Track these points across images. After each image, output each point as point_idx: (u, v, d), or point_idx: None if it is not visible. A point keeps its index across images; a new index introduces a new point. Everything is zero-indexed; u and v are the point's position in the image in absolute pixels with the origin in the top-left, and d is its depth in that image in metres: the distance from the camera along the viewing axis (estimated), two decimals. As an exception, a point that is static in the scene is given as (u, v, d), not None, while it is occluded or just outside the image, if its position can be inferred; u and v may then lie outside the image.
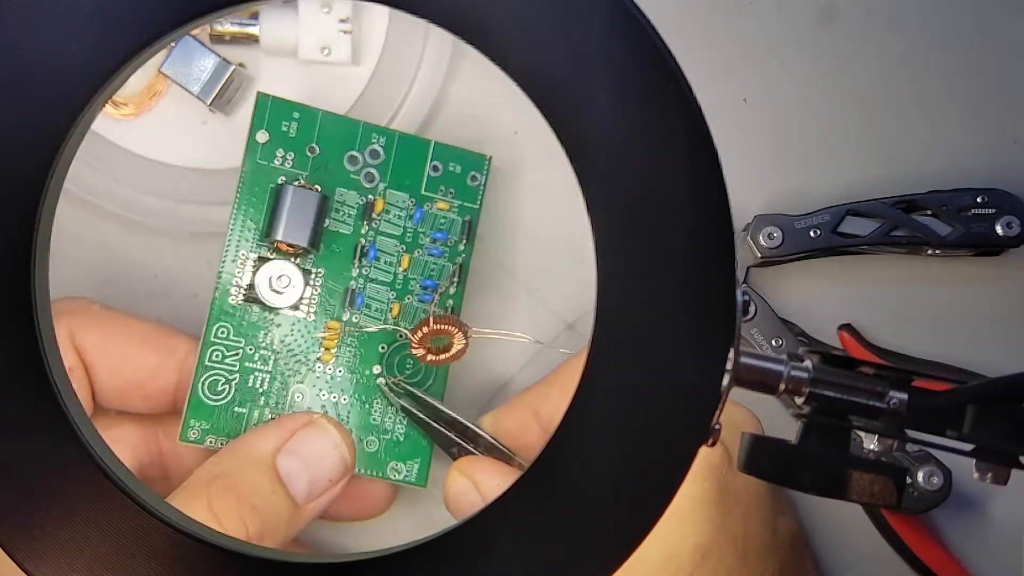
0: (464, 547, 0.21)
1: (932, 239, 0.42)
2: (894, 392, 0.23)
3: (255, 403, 0.38)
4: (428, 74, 0.43)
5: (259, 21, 0.42)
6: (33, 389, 0.21)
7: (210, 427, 0.37)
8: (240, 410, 0.37)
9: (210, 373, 0.37)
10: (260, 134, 0.38)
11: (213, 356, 0.37)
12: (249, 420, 0.37)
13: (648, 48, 0.20)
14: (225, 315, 0.38)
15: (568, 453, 0.21)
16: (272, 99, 0.38)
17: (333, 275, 0.39)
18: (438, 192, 0.39)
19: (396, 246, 0.39)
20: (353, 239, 0.39)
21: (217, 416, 0.37)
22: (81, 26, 0.20)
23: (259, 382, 0.38)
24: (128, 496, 0.21)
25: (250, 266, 0.38)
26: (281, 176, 0.38)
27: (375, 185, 0.39)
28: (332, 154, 0.39)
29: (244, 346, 0.38)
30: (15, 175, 0.21)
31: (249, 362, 0.38)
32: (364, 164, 0.39)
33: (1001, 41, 0.45)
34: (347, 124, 0.39)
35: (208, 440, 0.37)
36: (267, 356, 0.38)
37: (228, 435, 0.37)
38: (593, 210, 0.21)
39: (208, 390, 0.37)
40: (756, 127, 0.45)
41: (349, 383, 0.38)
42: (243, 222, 0.38)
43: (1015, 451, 0.23)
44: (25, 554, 0.21)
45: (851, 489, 0.22)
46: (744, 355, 0.22)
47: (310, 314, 0.38)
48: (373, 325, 0.38)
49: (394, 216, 0.39)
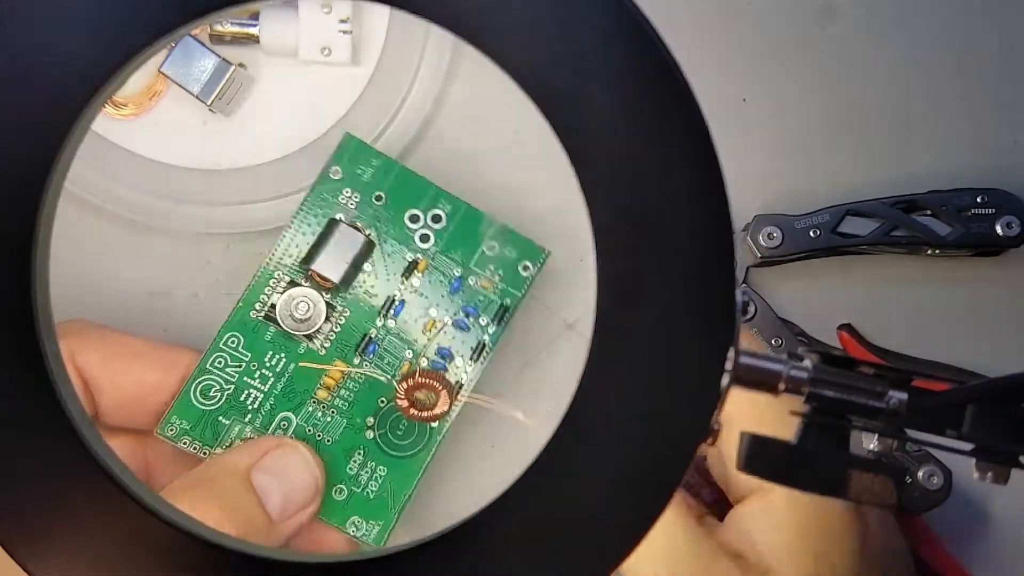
0: (464, 547, 0.21)
1: (932, 239, 0.42)
2: (894, 392, 0.23)
3: (240, 418, 0.37)
4: (428, 74, 0.43)
5: (259, 21, 0.42)
6: (33, 389, 0.21)
7: (189, 428, 0.37)
8: (224, 421, 0.37)
9: (207, 377, 0.37)
10: (334, 170, 0.39)
11: (215, 362, 0.37)
12: (229, 433, 0.37)
13: (648, 48, 0.20)
14: (241, 326, 0.38)
15: (568, 452, 0.21)
16: (358, 142, 0.39)
17: (356, 318, 0.38)
18: (486, 270, 0.39)
19: (426, 309, 0.39)
20: (387, 290, 0.38)
21: (200, 420, 0.37)
22: (81, 26, 0.20)
23: (251, 399, 0.37)
24: (128, 496, 0.21)
25: (281, 287, 0.38)
26: (340, 213, 0.38)
27: (427, 247, 0.39)
28: (396, 206, 0.39)
29: (249, 360, 0.38)
30: (15, 175, 0.21)
31: (248, 377, 0.38)
32: (423, 224, 0.39)
33: (1000, 42, 0.45)
34: (419, 183, 0.39)
35: (183, 441, 0.37)
36: (267, 377, 0.38)
37: (204, 442, 0.37)
38: (593, 210, 0.21)
39: (200, 393, 0.37)
40: (756, 127, 0.45)
41: (338, 427, 0.38)
42: (289, 245, 0.38)
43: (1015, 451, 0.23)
44: (26, 554, 0.21)
45: (851, 489, 0.22)
46: (744, 355, 0.22)
47: (322, 348, 0.38)
48: (363, 369, 0.38)
49: (434, 280, 0.39)
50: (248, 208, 0.42)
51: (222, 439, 0.37)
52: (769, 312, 0.43)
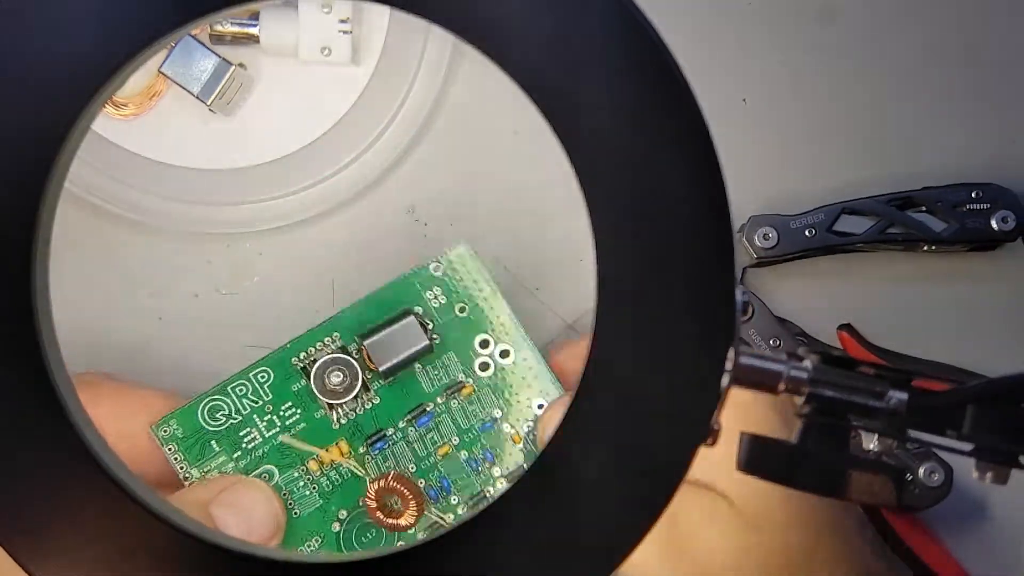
0: (464, 547, 0.21)
1: (927, 235, 0.42)
2: (894, 392, 0.23)
3: (229, 451, 0.37)
4: (428, 74, 0.43)
5: (259, 21, 0.42)
6: (34, 389, 0.21)
7: (181, 438, 0.36)
8: (215, 446, 0.36)
9: (221, 399, 0.37)
10: (435, 265, 0.38)
11: (237, 388, 0.37)
12: (213, 460, 0.36)
13: (648, 48, 0.20)
14: (277, 365, 0.37)
15: (568, 453, 0.21)
16: (472, 255, 0.38)
17: (382, 409, 0.37)
18: (524, 426, 0.38)
19: (450, 433, 0.38)
20: (423, 399, 0.38)
21: (195, 436, 0.36)
22: (81, 26, 0.20)
23: (249, 438, 0.37)
24: (129, 496, 0.21)
25: (332, 347, 0.37)
26: (419, 307, 0.38)
27: (481, 376, 0.38)
28: (474, 325, 0.38)
29: (267, 401, 0.37)
30: (15, 175, 0.21)
31: (258, 416, 0.37)
32: (489, 354, 0.38)
33: (995, 39, 0.45)
34: (506, 319, 0.38)
35: (169, 447, 0.36)
36: (274, 424, 0.37)
37: (188, 458, 0.36)
38: (593, 210, 0.21)
39: (208, 411, 0.36)
40: (755, 127, 0.45)
41: (311, 504, 0.37)
42: (362, 312, 0.38)
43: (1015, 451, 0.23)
44: (27, 554, 0.21)
45: (851, 489, 0.22)
46: (744, 355, 0.22)
47: (337, 422, 0.37)
48: (345, 460, 0.37)
49: (471, 410, 0.38)
50: (248, 208, 0.42)
51: (204, 463, 0.36)
52: (766, 312, 0.43)
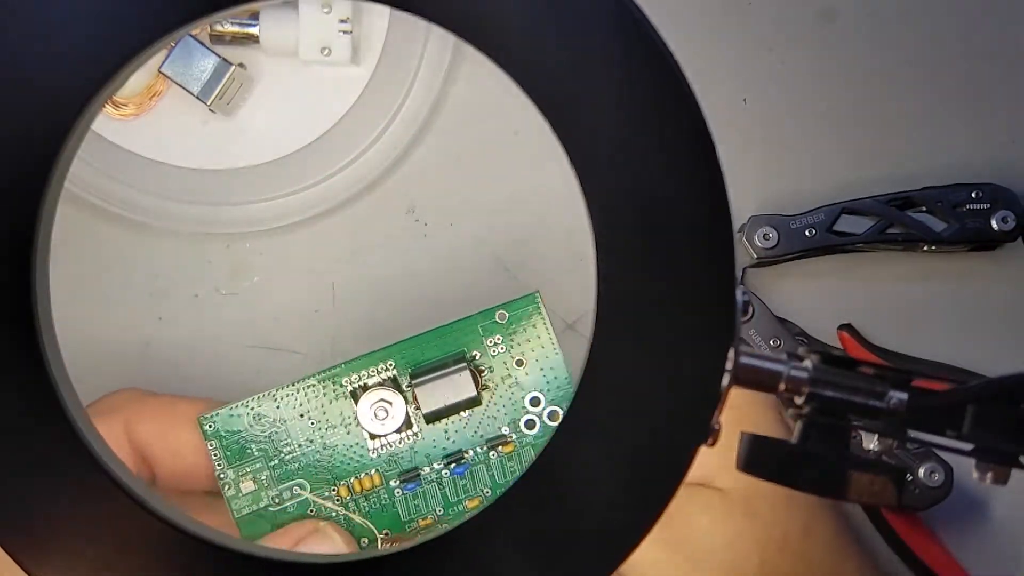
0: (463, 548, 0.21)
1: (927, 235, 0.42)
2: (894, 392, 0.23)
3: (266, 458, 0.36)
4: (428, 74, 0.43)
5: (259, 21, 0.42)
6: (33, 389, 0.21)
7: (224, 435, 0.36)
8: (253, 451, 0.36)
9: (268, 405, 0.36)
10: (501, 313, 0.37)
11: (285, 398, 0.36)
12: (249, 463, 0.36)
13: (648, 48, 0.20)
14: (329, 384, 0.36)
15: (568, 453, 0.21)
16: (538, 306, 0.37)
17: (422, 448, 0.37)
18: None
19: (483, 485, 0.37)
20: (464, 445, 0.37)
21: (236, 436, 0.36)
22: (81, 26, 0.20)
23: (288, 450, 0.36)
24: (128, 496, 0.21)
25: (383, 377, 0.37)
26: (477, 351, 0.37)
27: (527, 434, 0.37)
28: (527, 383, 0.37)
29: (311, 417, 0.36)
30: (15, 175, 0.21)
31: (300, 430, 0.36)
32: (538, 413, 0.37)
33: (995, 39, 0.45)
34: (565, 379, 0.37)
35: (211, 442, 0.36)
36: (312, 442, 0.36)
37: (226, 457, 0.36)
38: (593, 210, 0.21)
39: (252, 415, 0.36)
40: (755, 127, 0.45)
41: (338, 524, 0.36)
42: (420, 347, 0.37)
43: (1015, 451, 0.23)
44: (26, 554, 0.21)
45: (851, 489, 0.22)
46: (744, 355, 0.22)
47: (375, 451, 0.36)
48: (355, 515, 0.36)
49: (509, 466, 0.37)
50: (248, 208, 0.42)
51: (241, 465, 0.36)
52: (766, 312, 0.43)
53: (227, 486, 0.36)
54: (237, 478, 0.36)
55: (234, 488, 0.36)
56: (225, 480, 0.36)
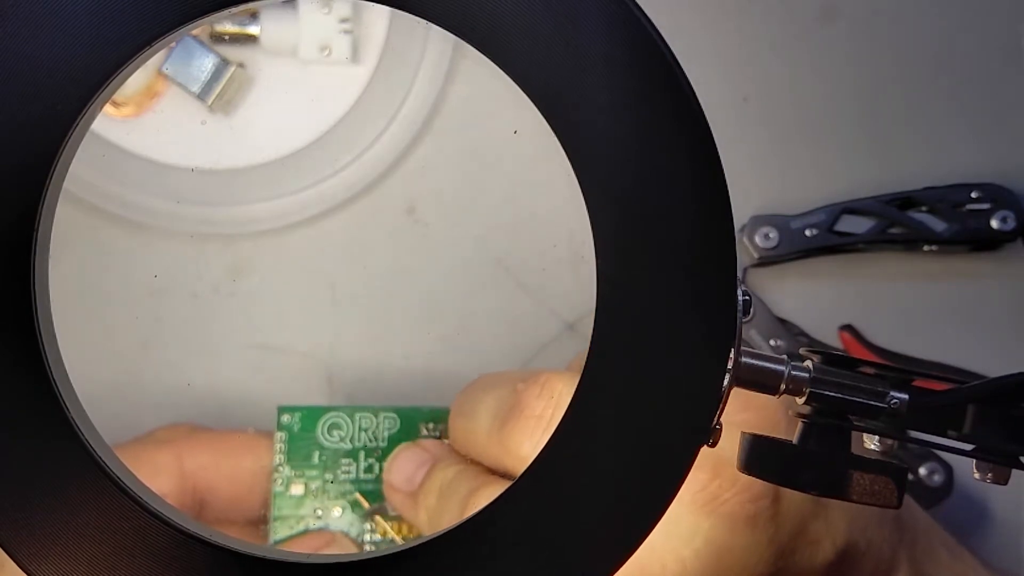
0: (464, 547, 0.21)
1: (928, 235, 0.42)
2: (894, 392, 0.23)
3: (322, 470, 0.37)
4: (428, 74, 0.43)
5: (259, 21, 0.42)
6: (33, 389, 0.21)
7: (294, 433, 0.36)
8: (315, 459, 0.37)
9: (344, 419, 0.37)
10: None
11: (361, 419, 0.37)
12: (308, 470, 0.37)
13: (649, 48, 0.20)
14: (407, 421, 0.37)
15: (569, 453, 0.21)
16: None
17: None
18: None
19: None
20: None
21: (306, 438, 0.37)
22: (81, 26, 0.20)
23: (346, 470, 0.37)
24: (128, 496, 0.21)
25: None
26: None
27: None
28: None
29: (379, 447, 0.37)
30: (15, 175, 0.21)
31: (365, 454, 0.37)
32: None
33: (995, 41, 0.45)
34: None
35: (279, 436, 0.36)
36: (372, 470, 0.37)
37: (288, 454, 0.36)
38: (593, 210, 0.21)
39: (327, 424, 0.37)
40: (756, 127, 0.45)
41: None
42: None
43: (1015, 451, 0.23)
44: (26, 554, 0.21)
45: (851, 489, 0.22)
46: (745, 355, 0.22)
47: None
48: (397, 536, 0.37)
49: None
50: (248, 208, 0.42)
51: (300, 467, 0.37)
52: (767, 313, 0.43)
53: (279, 481, 0.36)
54: (291, 477, 0.37)
55: (284, 486, 0.37)
56: (279, 475, 0.37)
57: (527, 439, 0.31)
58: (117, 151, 0.42)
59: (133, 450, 0.37)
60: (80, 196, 0.41)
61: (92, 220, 0.42)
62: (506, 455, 0.32)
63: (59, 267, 0.22)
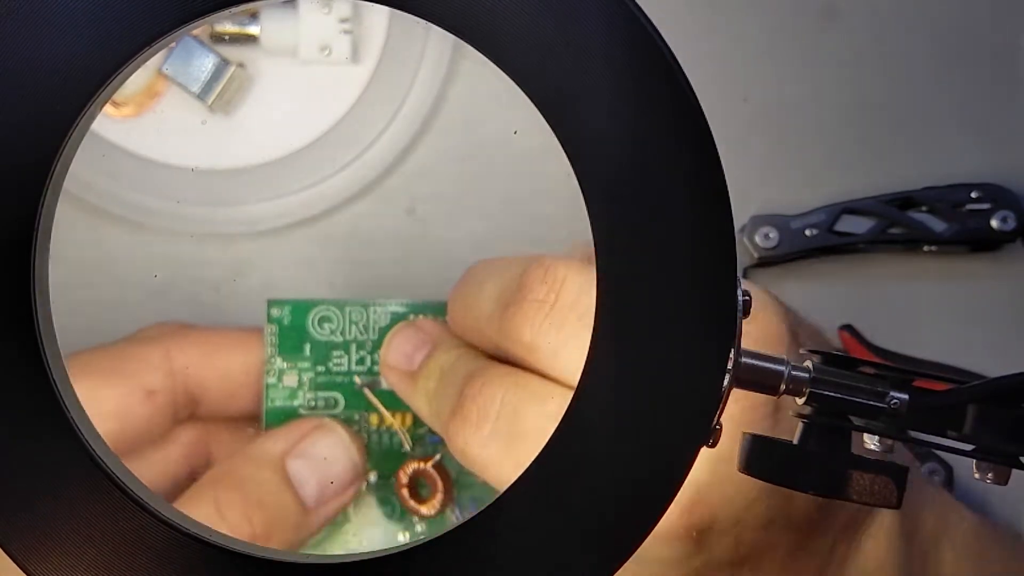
0: (464, 547, 0.21)
1: (928, 235, 0.42)
2: (895, 392, 0.23)
3: (314, 363, 0.37)
4: (428, 74, 0.43)
5: (259, 21, 0.42)
6: (33, 389, 0.21)
7: (284, 326, 0.36)
8: (306, 351, 0.36)
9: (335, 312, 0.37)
10: None
11: (352, 313, 0.37)
12: (299, 362, 0.37)
13: (649, 47, 0.20)
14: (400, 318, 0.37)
15: (569, 453, 0.21)
16: None
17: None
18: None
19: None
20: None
21: (296, 331, 0.37)
22: (81, 26, 0.20)
23: (337, 362, 0.37)
24: (128, 496, 0.21)
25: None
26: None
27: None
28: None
29: (371, 340, 0.37)
30: (15, 175, 0.21)
31: (356, 347, 0.37)
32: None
33: (995, 39, 0.45)
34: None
35: (271, 327, 0.36)
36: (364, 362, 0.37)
37: (280, 343, 0.36)
38: (593, 210, 0.21)
39: (318, 317, 0.37)
40: (756, 127, 0.45)
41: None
42: None
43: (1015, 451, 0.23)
44: (26, 554, 0.21)
45: (851, 489, 0.22)
46: (745, 355, 0.22)
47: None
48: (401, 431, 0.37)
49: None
50: (248, 208, 0.42)
51: (291, 359, 0.37)
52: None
53: (271, 373, 0.37)
54: (283, 369, 0.37)
55: (276, 378, 0.37)
56: (271, 368, 0.37)
57: (528, 323, 0.31)
58: (117, 151, 0.42)
59: (121, 348, 0.37)
60: (80, 196, 0.41)
61: (92, 220, 0.42)
62: (506, 339, 0.31)
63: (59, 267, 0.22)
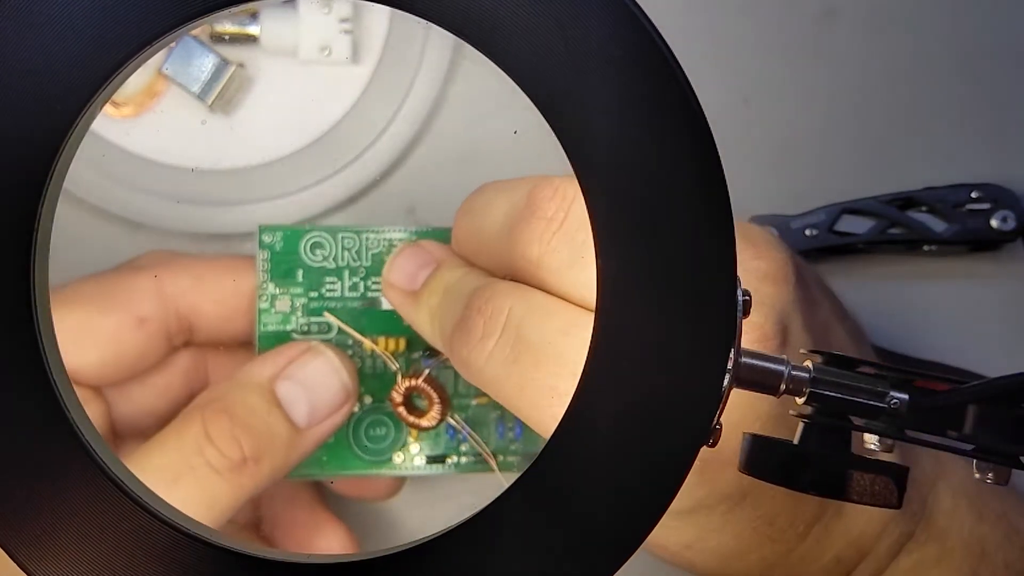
0: (464, 547, 0.21)
1: (928, 235, 0.42)
2: (895, 392, 0.23)
3: (306, 289, 0.37)
4: (428, 74, 0.43)
5: (259, 21, 0.42)
6: (33, 390, 0.21)
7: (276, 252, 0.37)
8: (298, 277, 0.37)
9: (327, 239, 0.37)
10: None
11: (344, 240, 0.37)
12: (291, 287, 0.37)
13: (649, 48, 0.20)
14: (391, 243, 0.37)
15: (569, 453, 0.21)
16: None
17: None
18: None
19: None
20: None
21: (288, 257, 0.37)
22: (81, 26, 0.20)
23: (330, 288, 0.37)
24: (128, 496, 0.21)
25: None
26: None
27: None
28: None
29: (363, 266, 0.37)
30: (15, 175, 0.21)
31: (349, 273, 0.37)
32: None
33: (995, 40, 0.45)
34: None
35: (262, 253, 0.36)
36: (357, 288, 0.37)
37: (272, 269, 0.37)
38: (593, 210, 0.21)
39: (310, 243, 0.37)
40: (756, 127, 0.45)
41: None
42: None
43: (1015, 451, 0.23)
44: (26, 554, 0.21)
45: (852, 489, 0.22)
46: (745, 355, 0.22)
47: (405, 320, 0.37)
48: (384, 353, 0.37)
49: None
50: (248, 208, 0.42)
51: (283, 284, 0.37)
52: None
53: (263, 298, 0.37)
54: (275, 295, 0.37)
55: (269, 303, 0.37)
56: (263, 293, 0.37)
57: (536, 241, 0.30)
58: (117, 151, 0.42)
59: (112, 277, 0.37)
60: (80, 196, 0.41)
61: (92, 220, 0.42)
62: (514, 256, 0.31)
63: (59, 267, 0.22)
